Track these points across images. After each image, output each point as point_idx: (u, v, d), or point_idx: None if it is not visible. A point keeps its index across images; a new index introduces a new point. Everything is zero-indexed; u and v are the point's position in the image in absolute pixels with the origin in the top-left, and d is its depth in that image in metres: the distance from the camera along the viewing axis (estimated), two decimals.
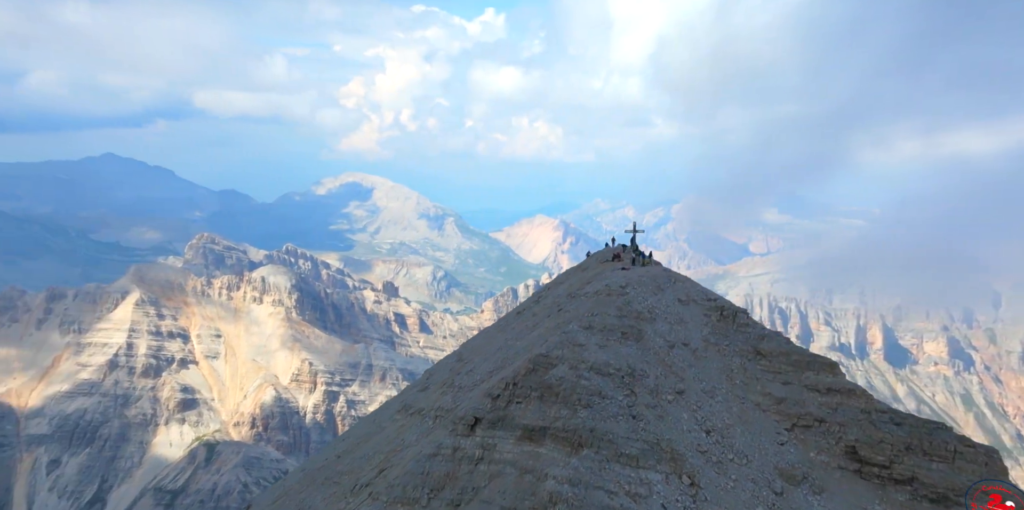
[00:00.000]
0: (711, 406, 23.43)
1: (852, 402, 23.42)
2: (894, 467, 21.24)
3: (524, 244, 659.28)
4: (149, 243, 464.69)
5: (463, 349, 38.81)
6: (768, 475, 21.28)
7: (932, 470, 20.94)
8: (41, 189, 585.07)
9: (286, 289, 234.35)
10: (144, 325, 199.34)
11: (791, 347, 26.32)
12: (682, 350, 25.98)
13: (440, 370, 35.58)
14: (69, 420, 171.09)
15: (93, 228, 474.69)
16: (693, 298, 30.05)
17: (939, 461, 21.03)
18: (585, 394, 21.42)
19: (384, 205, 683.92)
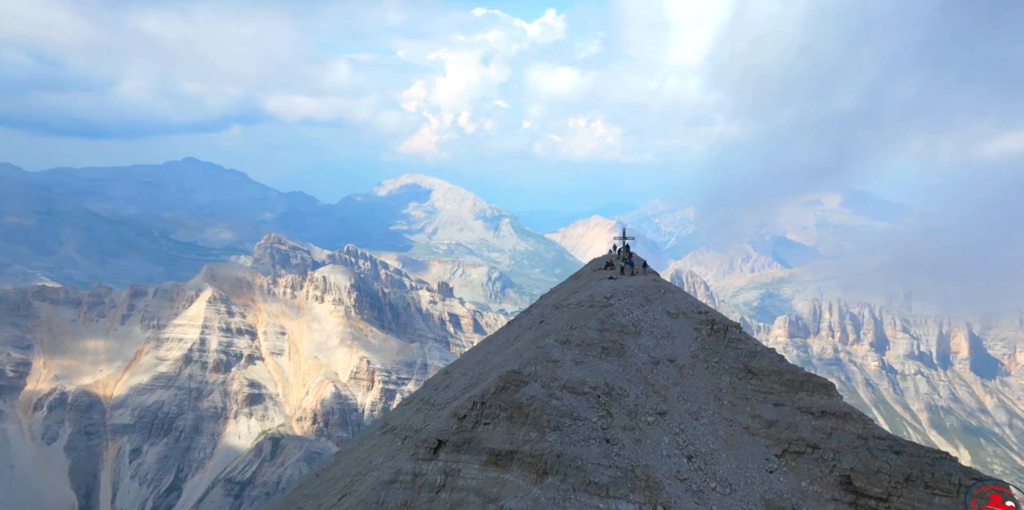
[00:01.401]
0: (695, 429, 21.54)
1: (848, 427, 21.24)
2: (892, 500, 19.17)
3: (579, 245, 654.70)
4: (223, 243, 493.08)
5: (453, 363, 37.46)
6: (753, 506, 19.55)
7: (934, 505, 18.72)
8: (129, 192, 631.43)
9: (346, 288, 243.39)
10: (216, 322, 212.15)
11: (784, 365, 24.11)
12: (667, 367, 24.09)
13: (429, 384, 34.57)
14: (149, 411, 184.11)
15: (174, 228, 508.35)
16: (683, 311, 27.84)
17: (942, 495, 18.78)
18: (555, 415, 19.78)
19: (442, 206, 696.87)
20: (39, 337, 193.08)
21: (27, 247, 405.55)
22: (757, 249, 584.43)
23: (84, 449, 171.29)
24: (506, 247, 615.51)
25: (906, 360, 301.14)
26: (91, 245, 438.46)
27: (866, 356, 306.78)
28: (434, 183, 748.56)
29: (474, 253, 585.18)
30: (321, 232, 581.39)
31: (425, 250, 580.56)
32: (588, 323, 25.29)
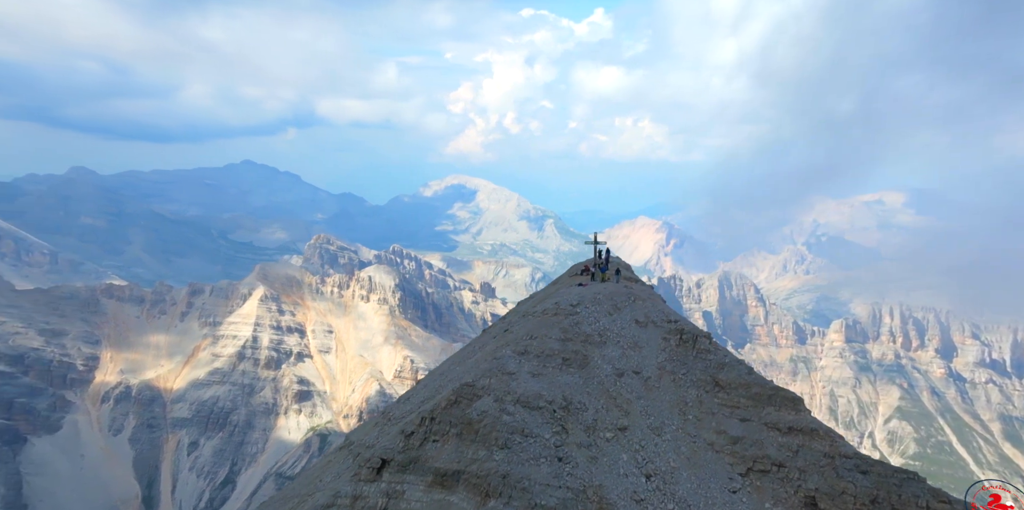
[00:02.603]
0: (657, 445, 20.45)
1: (815, 444, 20.21)
2: None
3: (625, 246, 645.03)
4: (277, 243, 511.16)
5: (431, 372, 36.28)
6: None
7: None
8: (192, 193, 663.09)
9: (390, 288, 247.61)
10: (267, 320, 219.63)
11: (752, 378, 22.85)
12: (632, 379, 22.97)
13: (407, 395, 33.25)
14: (205, 406, 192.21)
15: (231, 229, 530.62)
16: (652, 319, 26.67)
17: None
18: (505, 432, 18.67)
19: (486, 207, 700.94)
20: (106, 332, 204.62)
21: (99, 247, 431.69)
22: (812, 251, 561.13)
23: (147, 441, 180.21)
24: (550, 248, 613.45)
25: (976, 368, 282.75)
26: (156, 245, 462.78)
27: (931, 363, 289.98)
28: (479, 184, 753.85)
29: (518, 254, 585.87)
30: (369, 232, 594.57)
31: (469, 250, 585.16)
32: (550, 332, 24.15)
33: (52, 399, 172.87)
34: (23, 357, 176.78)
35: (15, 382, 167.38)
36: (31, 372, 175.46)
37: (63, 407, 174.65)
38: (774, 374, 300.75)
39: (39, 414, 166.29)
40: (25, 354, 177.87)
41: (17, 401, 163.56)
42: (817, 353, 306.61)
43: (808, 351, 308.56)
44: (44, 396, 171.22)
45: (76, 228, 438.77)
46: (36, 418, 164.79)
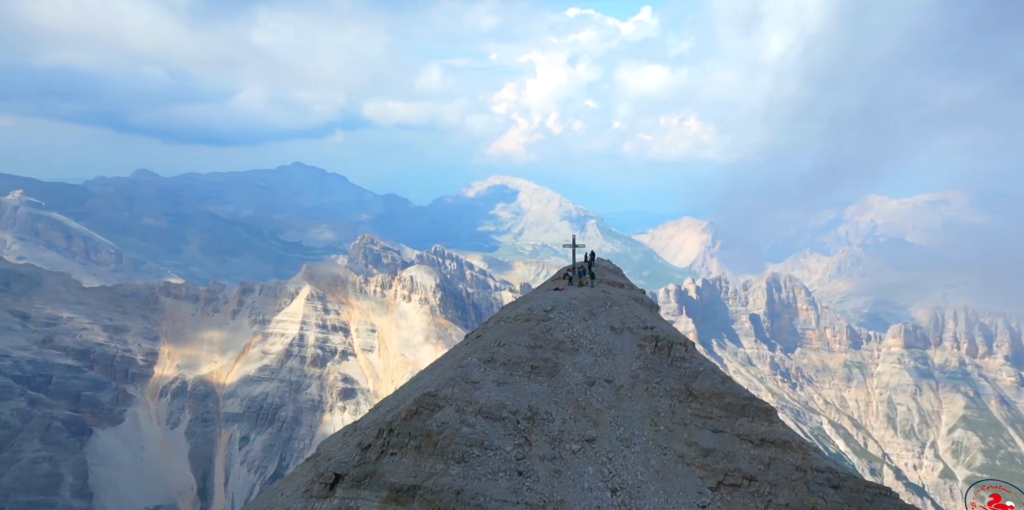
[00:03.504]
0: (625, 458, 19.58)
1: (787, 457, 19.43)
2: None
3: (669, 247, 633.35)
4: (324, 243, 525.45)
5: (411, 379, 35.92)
6: None
7: None
8: (245, 195, 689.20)
9: (431, 288, 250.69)
10: (313, 318, 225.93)
11: (726, 387, 21.83)
12: (603, 388, 22.05)
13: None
14: (255, 402, 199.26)
15: (282, 229, 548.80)
16: (628, 325, 25.54)
17: None
18: (464, 444, 17.95)
19: (528, 207, 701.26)
20: (164, 329, 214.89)
21: (159, 246, 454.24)
22: (870, 252, 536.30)
23: (201, 435, 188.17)
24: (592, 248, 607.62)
25: None
26: (212, 244, 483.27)
27: (1000, 370, 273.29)
28: (520, 184, 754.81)
29: (559, 254, 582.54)
30: (413, 233, 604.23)
31: (511, 251, 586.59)
32: (519, 339, 23.27)
33: (115, 392, 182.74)
34: (89, 352, 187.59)
35: (81, 376, 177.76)
36: (96, 366, 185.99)
37: (125, 400, 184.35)
38: (826, 379, 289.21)
39: (103, 407, 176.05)
40: (91, 349, 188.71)
41: (84, 394, 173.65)
42: (873, 358, 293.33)
43: (863, 356, 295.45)
44: (108, 389, 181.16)
45: (139, 228, 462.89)
46: (100, 410, 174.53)
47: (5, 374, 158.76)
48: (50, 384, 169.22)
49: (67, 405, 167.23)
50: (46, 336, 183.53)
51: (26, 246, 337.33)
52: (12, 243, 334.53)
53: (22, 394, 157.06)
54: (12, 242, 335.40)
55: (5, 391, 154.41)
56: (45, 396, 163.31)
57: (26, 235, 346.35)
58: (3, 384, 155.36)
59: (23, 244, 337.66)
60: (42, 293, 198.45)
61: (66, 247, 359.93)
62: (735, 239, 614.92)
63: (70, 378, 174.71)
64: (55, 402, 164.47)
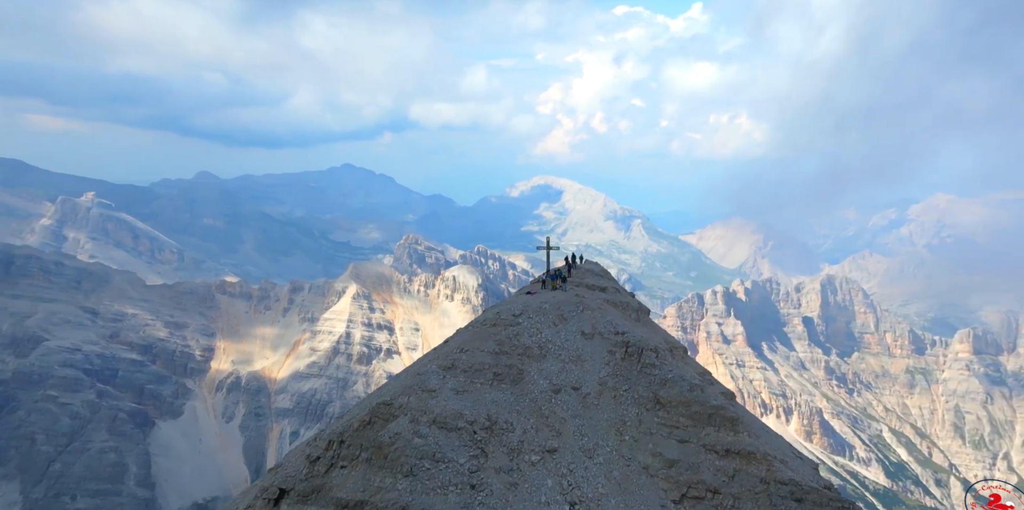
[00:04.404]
0: (587, 469, 18.81)
1: (751, 469, 18.93)
2: None
3: (717, 248, 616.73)
4: (371, 243, 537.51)
5: None
6: None
7: None
8: (297, 195, 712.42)
9: (473, 288, 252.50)
10: (359, 317, 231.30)
11: (693, 395, 20.99)
12: (569, 396, 21.23)
13: None
14: (304, 397, 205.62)
15: (331, 229, 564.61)
16: (599, 331, 24.64)
17: None
18: (414, 457, 17.14)
19: (572, 207, 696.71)
20: (220, 326, 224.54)
21: (218, 246, 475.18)
22: (936, 253, 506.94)
23: (254, 429, 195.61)
24: (637, 249, 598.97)
25: None
26: (266, 244, 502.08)
27: None
28: (565, 184, 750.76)
29: (603, 254, 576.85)
30: (457, 233, 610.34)
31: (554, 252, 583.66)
32: (483, 345, 22.43)
33: (175, 386, 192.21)
34: (151, 347, 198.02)
35: (144, 370, 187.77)
36: (158, 361, 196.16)
37: (184, 394, 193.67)
38: (887, 385, 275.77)
39: (164, 400, 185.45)
40: (153, 344, 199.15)
41: (147, 387, 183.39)
42: (939, 364, 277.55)
43: (928, 362, 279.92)
44: (168, 383, 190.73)
45: (199, 228, 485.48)
46: (162, 403, 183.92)
47: (76, 367, 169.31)
48: (117, 377, 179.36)
49: (132, 397, 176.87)
50: (113, 331, 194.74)
51: (97, 245, 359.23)
52: (85, 242, 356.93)
53: (91, 386, 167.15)
54: (85, 241, 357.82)
55: (76, 383, 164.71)
56: (112, 389, 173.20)
57: (98, 235, 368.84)
58: (75, 377, 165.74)
59: (95, 243, 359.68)
60: (110, 290, 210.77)
61: (133, 246, 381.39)
62: (788, 239, 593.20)
63: (135, 372, 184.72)
64: (121, 394, 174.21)
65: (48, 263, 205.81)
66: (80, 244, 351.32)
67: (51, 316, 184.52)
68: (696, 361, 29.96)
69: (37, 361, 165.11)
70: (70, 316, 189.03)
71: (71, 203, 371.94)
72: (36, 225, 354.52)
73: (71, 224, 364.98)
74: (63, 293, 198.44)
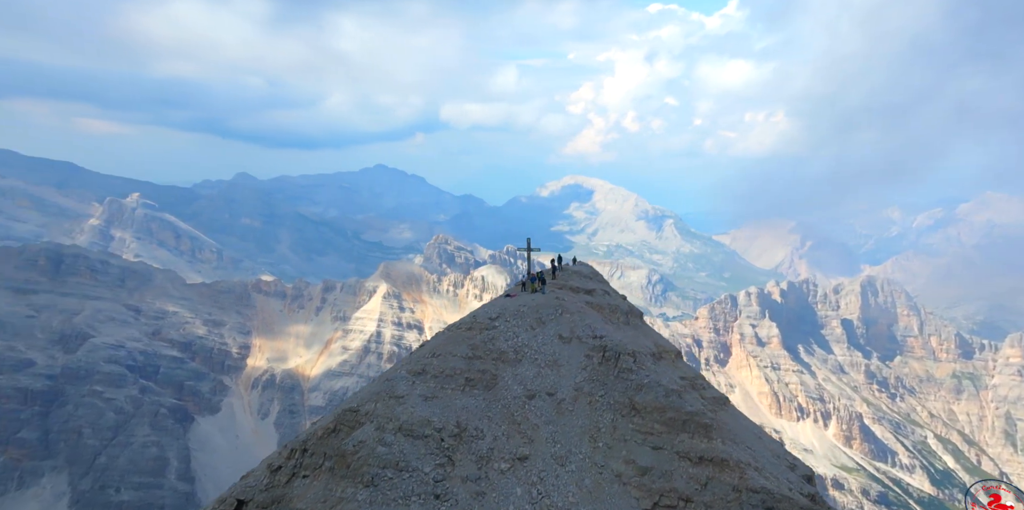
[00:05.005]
0: (558, 477, 18.31)
1: (724, 477, 18.56)
2: None
3: (752, 248, 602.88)
4: (403, 242, 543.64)
5: None
6: None
7: None
8: (332, 196, 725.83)
9: (501, 288, 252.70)
10: (389, 316, 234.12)
11: (668, 401, 20.49)
12: (543, 402, 20.70)
13: None
14: (336, 396, 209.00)
15: (364, 229, 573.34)
16: (577, 335, 23.99)
17: None
18: (376, 466, 16.64)
19: (603, 207, 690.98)
20: (256, 324, 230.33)
21: (255, 245, 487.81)
22: (985, 254, 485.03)
23: (288, 425, 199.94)
24: (669, 249, 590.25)
25: None
26: (301, 244, 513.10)
27: None
28: (595, 184, 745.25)
29: (634, 254, 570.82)
30: (487, 232, 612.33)
31: (584, 251, 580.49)
32: (456, 349, 21.95)
33: (213, 383, 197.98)
34: (191, 344, 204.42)
35: (184, 367, 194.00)
36: (197, 358, 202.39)
37: (221, 391, 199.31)
38: (931, 390, 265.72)
39: (203, 396, 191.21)
40: (192, 341, 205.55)
41: (186, 384, 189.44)
42: (988, 369, 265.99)
43: (976, 367, 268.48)
44: (207, 380, 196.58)
45: (238, 228, 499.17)
46: (200, 400, 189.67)
47: (120, 363, 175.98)
48: (158, 374, 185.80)
49: (172, 393, 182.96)
50: (155, 329, 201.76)
51: (142, 244, 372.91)
52: (131, 241, 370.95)
53: (135, 382, 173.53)
54: (131, 241, 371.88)
55: (120, 379, 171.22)
56: (154, 385, 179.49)
57: (142, 234, 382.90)
58: (119, 373, 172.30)
59: (140, 243, 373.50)
60: (152, 289, 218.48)
61: (175, 246, 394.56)
62: (827, 240, 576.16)
63: (175, 368, 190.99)
64: (162, 390, 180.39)
65: (95, 262, 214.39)
66: (126, 243, 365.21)
67: (97, 313, 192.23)
68: (688, 365, 29.26)
69: (84, 357, 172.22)
70: (115, 314, 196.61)
71: (118, 204, 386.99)
72: (85, 225, 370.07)
73: (118, 224, 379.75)
74: (108, 291, 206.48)
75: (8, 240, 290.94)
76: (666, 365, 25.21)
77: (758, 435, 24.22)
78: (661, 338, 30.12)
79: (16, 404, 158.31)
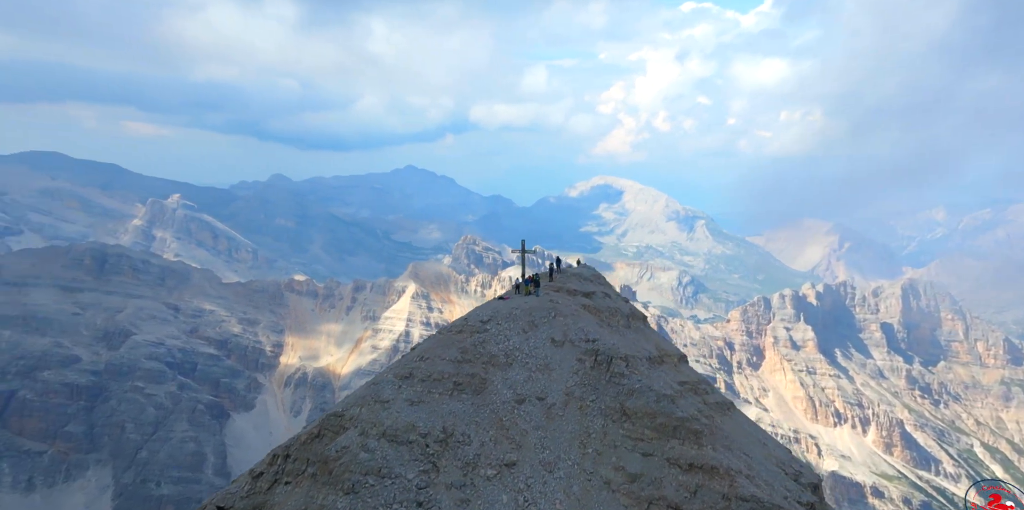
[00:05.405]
0: (546, 484, 17.96)
1: (714, 484, 18.15)
2: None
3: (788, 249, 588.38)
4: (432, 243, 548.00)
5: None
6: None
7: None
8: (363, 197, 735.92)
9: None
10: (418, 316, 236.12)
11: (659, 407, 20.04)
12: (533, 407, 20.32)
13: None
14: None
15: (394, 230, 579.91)
16: (570, 338, 23.44)
17: None
18: (358, 472, 16.32)
19: (632, 208, 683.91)
20: (288, 323, 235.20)
21: (289, 245, 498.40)
22: None
23: None
24: (700, 250, 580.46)
25: None
26: (333, 244, 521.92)
27: None
28: (625, 184, 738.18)
29: (665, 256, 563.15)
30: (516, 233, 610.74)
31: (613, 252, 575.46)
32: (445, 353, 21.62)
33: (248, 380, 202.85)
34: (227, 342, 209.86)
35: (221, 364, 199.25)
36: (232, 355, 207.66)
37: (256, 388, 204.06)
38: (978, 397, 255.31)
39: (238, 393, 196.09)
40: (228, 339, 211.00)
41: (222, 381, 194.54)
42: None
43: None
44: (242, 377, 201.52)
45: (272, 229, 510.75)
46: (236, 396, 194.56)
47: (160, 360, 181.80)
48: (196, 371, 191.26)
49: (209, 390, 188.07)
50: (192, 327, 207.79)
51: (182, 244, 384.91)
52: (171, 241, 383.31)
53: (173, 379, 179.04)
54: (171, 241, 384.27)
55: (160, 376, 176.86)
56: (192, 381, 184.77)
57: (182, 235, 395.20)
58: (159, 369, 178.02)
59: (180, 243, 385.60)
60: (190, 287, 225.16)
61: (213, 245, 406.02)
62: (866, 241, 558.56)
63: (211, 366, 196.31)
64: (200, 387, 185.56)
65: (136, 261, 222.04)
66: (167, 243, 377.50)
67: (139, 311, 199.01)
68: (692, 369, 28.51)
69: (126, 354, 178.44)
70: (155, 312, 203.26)
71: (159, 205, 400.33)
72: (129, 225, 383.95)
73: (159, 224, 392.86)
74: (149, 290, 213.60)
75: (57, 240, 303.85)
76: (667, 369, 24.76)
77: (763, 442, 23.61)
78: (666, 341, 29.51)
79: (63, 399, 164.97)
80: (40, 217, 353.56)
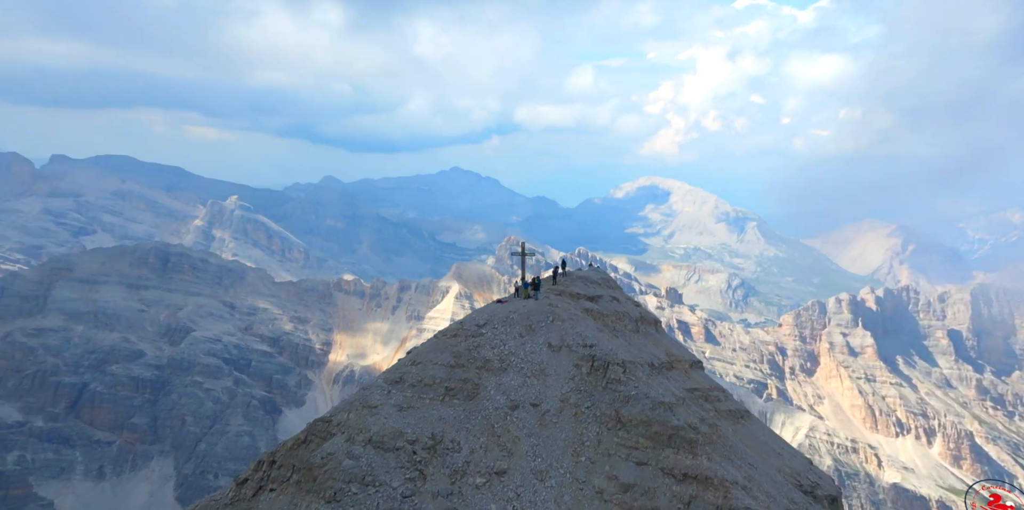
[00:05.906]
0: (536, 493, 17.47)
1: (708, 495, 17.60)
2: None
3: (846, 252, 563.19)
4: (476, 244, 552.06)
5: None
6: None
7: None
8: (410, 198, 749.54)
9: None
10: (461, 316, 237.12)
11: (654, 414, 19.42)
12: (526, 413, 19.73)
13: None
14: None
15: (439, 231, 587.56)
16: (567, 343, 22.76)
17: None
18: (341, 480, 15.90)
19: (680, 209, 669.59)
20: (337, 321, 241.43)
21: (338, 246, 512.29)
22: None
23: None
24: (751, 252, 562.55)
25: None
26: (380, 245, 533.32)
27: None
28: (672, 185, 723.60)
29: (713, 258, 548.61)
30: (560, 234, 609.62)
31: (660, 254, 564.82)
32: (438, 357, 21.15)
33: (298, 377, 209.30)
34: (279, 339, 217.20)
35: (273, 361, 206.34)
36: (284, 353, 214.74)
37: (306, 385, 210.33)
38: None
39: (289, 389, 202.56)
40: (280, 337, 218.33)
41: (275, 377, 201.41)
42: None
43: None
44: (293, 374, 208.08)
45: (323, 229, 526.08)
46: (287, 393, 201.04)
47: (217, 356, 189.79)
48: (250, 367, 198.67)
49: (262, 386, 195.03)
50: (247, 324, 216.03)
51: (239, 244, 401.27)
52: (229, 241, 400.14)
53: (229, 374, 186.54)
54: (229, 241, 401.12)
55: (217, 371, 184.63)
56: (246, 377, 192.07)
57: (239, 235, 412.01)
58: (216, 365, 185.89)
59: (237, 243, 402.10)
60: (245, 286, 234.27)
61: (267, 245, 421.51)
62: (932, 244, 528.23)
63: (265, 362, 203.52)
64: (254, 383, 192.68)
65: (196, 261, 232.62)
66: (225, 243, 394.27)
67: (198, 309, 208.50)
68: (706, 376, 27.35)
69: (186, 349, 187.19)
70: (213, 309, 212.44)
71: (218, 206, 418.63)
72: (191, 226, 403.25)
73: (218, 225, 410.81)
74: (207, 288, 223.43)
75: (126, 239, 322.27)
76: (675, 376, 23.85)
77: (778, 452, 22.55)
78: (678, 346, 28.48)
79: (129, 392, 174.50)
80: (111, 218, 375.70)
